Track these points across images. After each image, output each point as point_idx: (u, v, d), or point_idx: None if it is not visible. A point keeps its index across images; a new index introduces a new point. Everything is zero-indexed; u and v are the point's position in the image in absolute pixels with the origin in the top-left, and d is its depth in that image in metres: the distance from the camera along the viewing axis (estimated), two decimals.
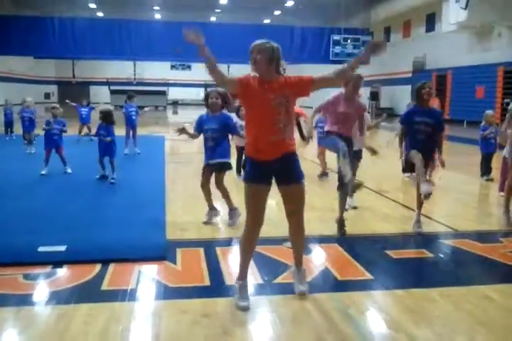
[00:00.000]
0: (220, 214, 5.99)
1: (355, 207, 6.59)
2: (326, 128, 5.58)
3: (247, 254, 3.80)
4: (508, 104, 19.06)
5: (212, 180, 5.88)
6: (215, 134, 5.74)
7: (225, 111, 5.89)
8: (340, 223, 5.51)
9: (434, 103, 18.37)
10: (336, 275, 4.29)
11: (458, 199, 7.26)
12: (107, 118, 8.35)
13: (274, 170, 3.62)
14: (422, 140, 5.52)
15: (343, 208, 5.54)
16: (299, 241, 3.92)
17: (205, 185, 5.88)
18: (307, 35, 28.38)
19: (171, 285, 4.00)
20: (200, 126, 5.85)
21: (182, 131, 5.77)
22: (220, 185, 5.85)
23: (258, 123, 3.58)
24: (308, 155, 11.87)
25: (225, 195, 5.89)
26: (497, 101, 20.60)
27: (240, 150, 8.44)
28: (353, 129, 5.60)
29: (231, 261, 4.55)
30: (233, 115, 7.18)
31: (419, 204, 5.68)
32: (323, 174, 8.99)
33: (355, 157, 5.91)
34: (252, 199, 3.67)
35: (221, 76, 3.50)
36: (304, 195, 3.77)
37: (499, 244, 5.28)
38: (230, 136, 6.10)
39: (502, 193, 7.62)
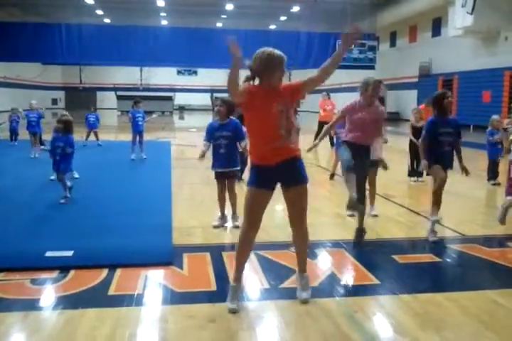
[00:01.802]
0: (228, 221, 6.01)
1: (375, 215, 6.44)
2: (343, 137, 5.53)
3: (243, 257, 3.81)
4: None
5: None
6: (227, 141, 5.80)
7: (233, 118, 5.91)
8: (360, 232, 5.33)
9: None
10: (342, 280, 4.29)
11: (465, 204, 7.24)
12: (67, 128, 7.29)
13: (277, 175, 3.65)
14: (446, 152, 5.46)
15: (362, 219, 5.33)
16: (302, 246, 3.92)
17: (223, 195, 6.00)
18: (313, 40, 28.44)
19: (178, 290, 4.00)
20: (211, 134, 5.88)
21: (203, 156, 5.95)
22: (233, 191, 5.98)
23: (261, 131, 3.65)
24: (314, 160, 11.91)
25: (234, 201, 5.98)
26: (503, 105, 20.53)
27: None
28: (372, 137, 5.47)
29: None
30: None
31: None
32: (332, 175, 9.09)
33: (372, 165, 5.78)
34: (250, 203, 3.70)
35: (237, 87, 3.53)
36: (306, 198, 3.76)
37: (507, 249, 5.26)
38: None
39: (509, 197, 7.59)
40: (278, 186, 3.75)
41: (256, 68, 3.59)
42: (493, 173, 9.06)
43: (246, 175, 8.69)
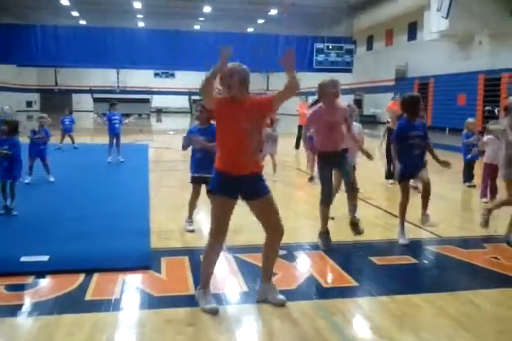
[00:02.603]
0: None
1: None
2: (316, 145, 5.40)
3: (212, 264, 3.81)
4: (489, 111, 19.35)
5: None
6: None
7: (213, 123, 5.87)
8: (325, 235, 5.35)
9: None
10: (320, 282, 4.29)
11: (441, 206, 7.31)
12: (12, 129, 6.72)
13: (241, 185, 3.65)
14: (416, 155, 5.45)
15: (326, 221, 5.39)
16: (274, 253, 3.88)
17: (196, 199, 5.92)
18: (291, 43, 28.45)
19: (156, 294, 3.97)
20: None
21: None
22: None
23: (231, 145, 3.64)
24: (294, 163, 11.95)
25: None
26: (478, 108, 20.84)
27: None
28: (342, 139, 5.41)
29: (216, 269, 4.52)
30: None
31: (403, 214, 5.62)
32: (311, 178, 9.07)
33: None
34: (218, 211, 3.69)
35: (211, 90, 3.58)
36: (276, 204, 3.77)
37: (482, 250, 5.33)
38: None
39: (484, 199, 7.71)
40: None
41: (247, 79, 3.68)
42: (468, 175, 9.19)
43: None
